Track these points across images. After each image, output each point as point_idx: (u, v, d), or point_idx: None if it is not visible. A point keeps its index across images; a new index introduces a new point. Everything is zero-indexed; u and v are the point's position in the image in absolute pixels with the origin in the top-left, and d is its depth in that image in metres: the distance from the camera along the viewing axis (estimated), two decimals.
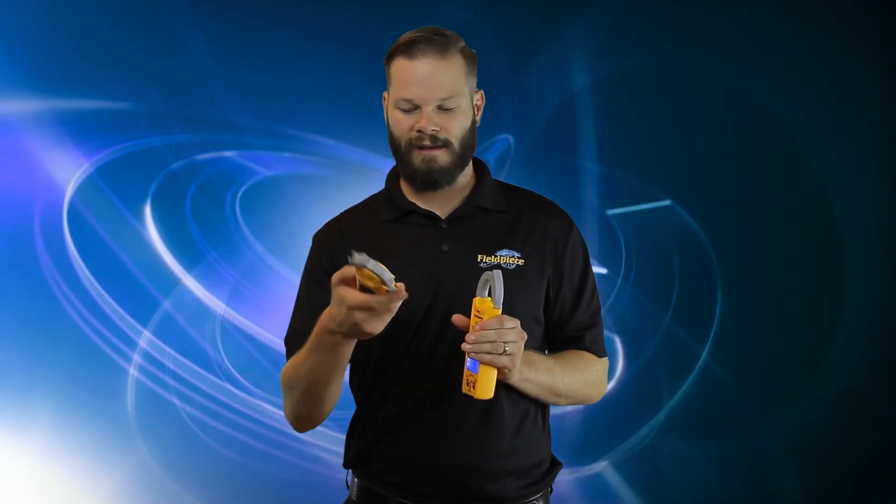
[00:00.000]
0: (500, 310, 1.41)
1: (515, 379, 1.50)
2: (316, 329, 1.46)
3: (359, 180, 3.23)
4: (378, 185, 1.74)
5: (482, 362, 1.42)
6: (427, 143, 1.56)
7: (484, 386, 1.44)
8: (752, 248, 3.36)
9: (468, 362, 1.44)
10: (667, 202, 3.31)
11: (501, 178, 1.75)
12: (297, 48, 3.21)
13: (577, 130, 3.35)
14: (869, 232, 3.34)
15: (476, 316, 1.43)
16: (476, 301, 1.43)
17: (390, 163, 1.72)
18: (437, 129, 1.55)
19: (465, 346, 1.41)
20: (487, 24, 3.27)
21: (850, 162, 3.34)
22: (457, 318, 1.45)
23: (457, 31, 1.63)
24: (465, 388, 1.45)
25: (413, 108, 1.56)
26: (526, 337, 1.45)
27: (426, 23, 1.64)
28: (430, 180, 1.58)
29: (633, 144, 3.37)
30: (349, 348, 1.48)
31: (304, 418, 1.63)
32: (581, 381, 1.64)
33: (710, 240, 3.35)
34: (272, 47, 3.20)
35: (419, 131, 1.56)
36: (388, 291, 1.32)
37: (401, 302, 1.33)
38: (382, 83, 1.66)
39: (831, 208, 3.35)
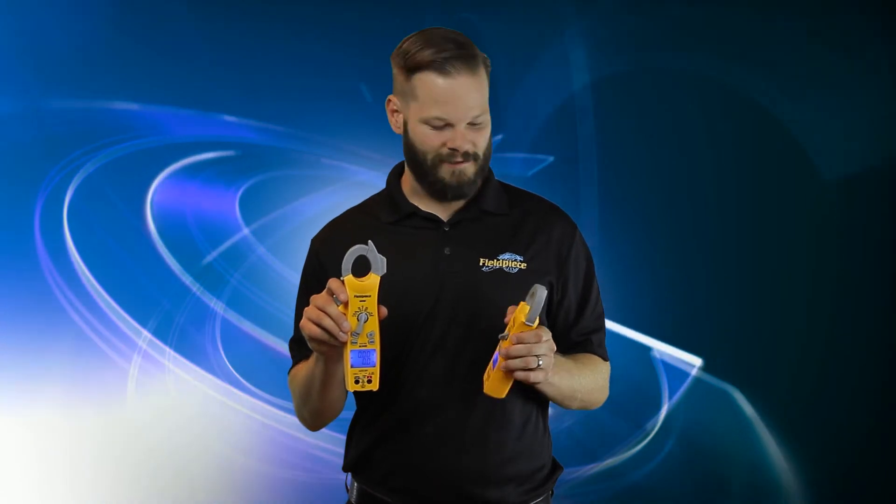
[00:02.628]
0: (534, 326, 1.40)
1: (552, 377, 1.49)
2: None
3: (359, 180, 3.23)
4: (379, 185, 1.73)
5: (516, 377, 1.41)
6: (459, 159, 1.55)
7: (495, 385, 1.43)
8: (751, 248, 3.36)
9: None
10: None
11: (500, 180, 1.74)
12: (296, 48, 3.21)
13: (577, 130, 3.35)
14: (869, 232, 3.34)
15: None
16: (521, 304, 1.42)
17: (391, 162, 1.72)
18: (471, 145, 1.55)
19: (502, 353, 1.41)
20: (487, 24, 3.27)
21: (850, 162, 3.34)
22: (510, 310, 1.45)
23: (459, 30, 1.63)
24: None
25: (444, 125, 1.55)
26: (555, 349, 1.44)
27: (427, 23, 1.63)
28: (461, 192, 1.58)
29: (633, 144, 3.36)
30: (332, 360, 1.49)
31: (309, 422, 1.66)
32: (594, 384, 1.63)
33: (710, 239, 3.35)
34: (272, 47, 3.20)
35: (452, 149, 1.55)
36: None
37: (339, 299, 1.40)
38: (383, 83, 1.65)
39: (831, 208, 3.35)
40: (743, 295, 3.36)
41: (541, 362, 1.40)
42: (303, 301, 1.63)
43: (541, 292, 1.38)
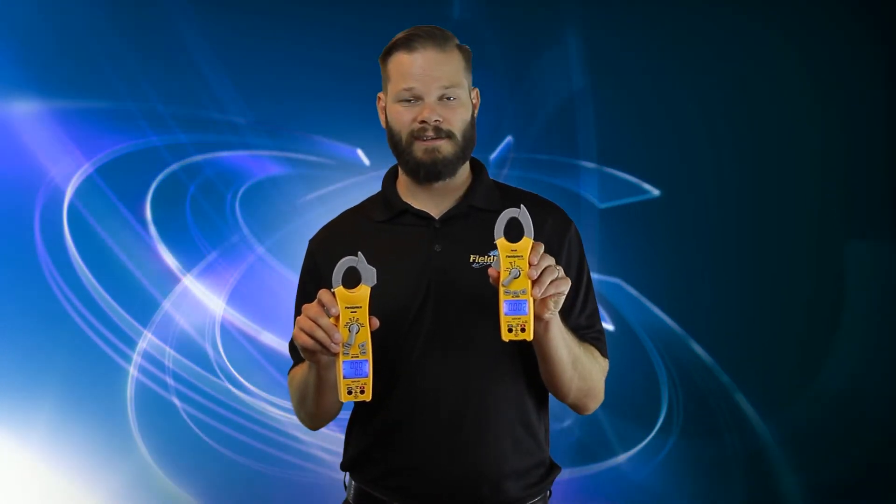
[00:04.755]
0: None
1: (555, 322, 1.48)
2: None
3: (359, 180, 3.23)
4: (378, 185, 1.74)
5: (549, 292, 1.39)
6: (430, 134, 1.56)
7: (531, 325, 1.41)
8: (751, 249, 3.36)
9: (506, 307, 1.40)
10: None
11: (501, 178, 1.74)
12: (297, 48, 3.21)
13: (577, 130, 3.35)
14: (869, 232, 3.34)
15: (513, 256, 1.40)
16: (502, 242, 1.41)
17: (390, 162, 1.72)
18: (440, 119, 1.56)
19: (531, 273, 1.39)
20: (487, 24, 3.27)
21: (850, 162, 3.34)
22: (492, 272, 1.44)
23: (457, 31, 1.64)
24: (508, 336, 1.41)
25: (414, 99, 1.57)
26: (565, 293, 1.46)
27: (427, 22, 1.64)
28: (434, 171, 1.58)
29: (632, 144, 3.36)
30: (325, 368, 1.49)
31: (307, 422, 1.68)
32: (591, 366, 1.61)
33: (710, 240, 3.35)
34: (272, 47, 3.20)
35: (422, 122, 1.56)
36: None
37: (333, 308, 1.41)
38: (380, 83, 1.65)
39: (831, 208, 3.35)
40: (743, 294, 3.35)
41: (559, 272, 1.42)
42: (301, 303, 1.64)
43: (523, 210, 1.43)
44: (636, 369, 3.32)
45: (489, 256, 1.58)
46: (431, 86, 1.56)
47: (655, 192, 3.34)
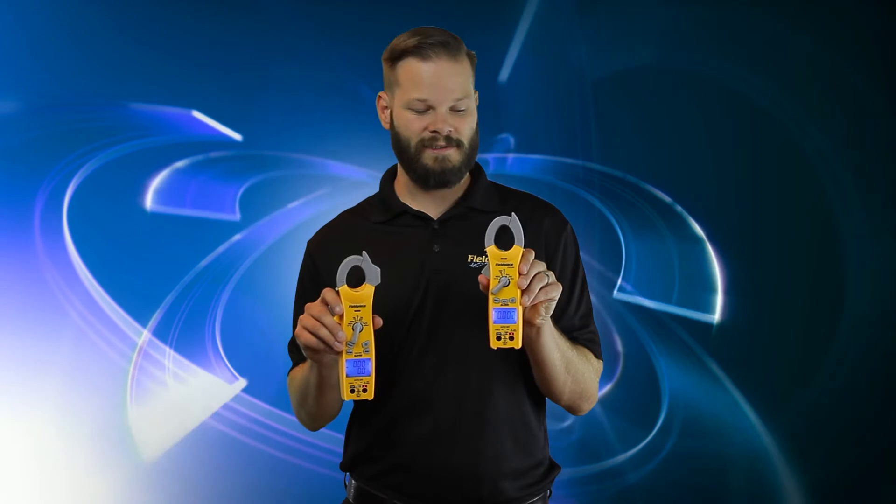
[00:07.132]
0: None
1: (547, 327, 1.49)
2: None
3: (359, 180, 3.23)
4: (377, 186, 1.74)
5: (539, 299, 1.41)
6: (441, 143, 1.57)
7: (520, 333, 1.43)
8: (752, 249, 3.36)
9: (495, 315, 1.42)
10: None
11: (502, 178, 1.75)
12: (297, 49, 3.21)
13: (577, 130, 3.35)
14: (869, 233, 3.34)
15: (503, 264, 1.42)
16: (492, 250, 1.43)
17: (390, 163, 1.72)
18: (452, 129, 1.57)
19: (521, 283, 1.40)
20: (486, 25, 3.27)
21: (850, 163, 3.34)
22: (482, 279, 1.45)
23: (456, 30, 1.64)
24: (497, 344, 1.42)
25: (426, 108, 1.57)
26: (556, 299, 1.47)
27: (427, 23, 1.64)
28: (444, 180, 1.60)
29: (633, 144, 3.37)
30: (327, 366, 1.50)
31: (308, 423, 1.69)
32: (585, 368, 1.62)
33: (710, 240, 3.35)
34: (272, 48, 3.21)
35: (434, 132, 1.57)
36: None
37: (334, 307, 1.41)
38: (382, 83, 1.65)
39: (832, 209, 3.35)
40: (742, 294, 3.35)
41: (550, 278, 1.42)
42: (300, 304, 1.65)
43: (514, 218, 1.43)
44: (636, 369, 3.32)
45: (486, 257, 1.60)
46: (444, 97, 1.56)
47: (657, 191, 3.34)
